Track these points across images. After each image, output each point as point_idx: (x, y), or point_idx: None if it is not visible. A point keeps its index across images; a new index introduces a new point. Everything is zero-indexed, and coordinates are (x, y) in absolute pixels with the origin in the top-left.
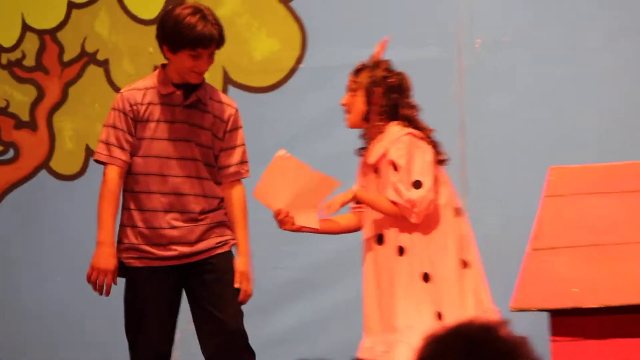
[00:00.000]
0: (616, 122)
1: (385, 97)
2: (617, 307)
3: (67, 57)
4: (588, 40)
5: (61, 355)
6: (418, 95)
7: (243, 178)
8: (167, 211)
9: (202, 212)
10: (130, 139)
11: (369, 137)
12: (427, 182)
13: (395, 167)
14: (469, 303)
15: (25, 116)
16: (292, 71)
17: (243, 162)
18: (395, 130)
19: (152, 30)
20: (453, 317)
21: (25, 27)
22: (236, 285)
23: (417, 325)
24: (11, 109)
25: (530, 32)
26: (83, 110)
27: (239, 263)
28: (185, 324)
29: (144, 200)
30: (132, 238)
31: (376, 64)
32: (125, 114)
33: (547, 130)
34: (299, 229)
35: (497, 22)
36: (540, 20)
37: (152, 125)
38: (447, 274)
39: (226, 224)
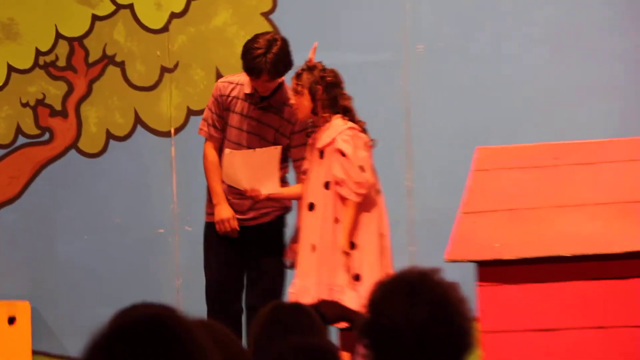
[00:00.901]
0: (532, 111)
1: (326, 93)
2: (531, 258)
3: (91, 59)
4: (507, 47)
5: (87, 304)
6: (371, 90)
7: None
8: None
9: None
10: (219, 121)
11: (318, 126)
12: (368, 169)
13: (343, 154)
14: (388, 265)
15: (58, 106)
16: None
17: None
18: (339, 123)
19: (160, 37)
20: (372, 279)
21: (58, 35)
22: None
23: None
24: (47, 101)
25: (461, 39)
26: (104, 102)
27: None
28: (185, 274)
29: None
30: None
31: (312, 66)
32: (217, 100)
33: (476, 117)
34: (268, 197)
35: (434, 31)
36: (469, 29)
37: (232, 115)
38: (369, 244)
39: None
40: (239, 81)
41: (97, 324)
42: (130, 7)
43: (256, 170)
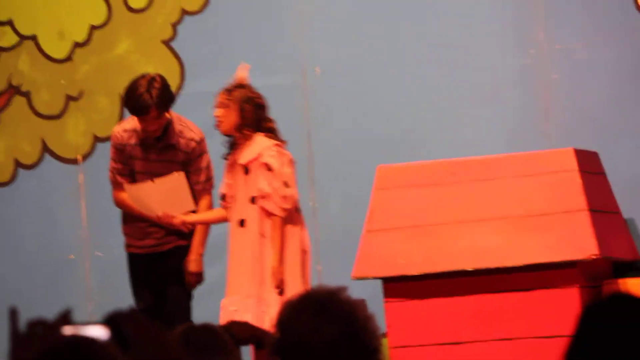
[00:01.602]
0: (430, 128)
1: (254, 113)
2: (434, 273)
3: None
4: (402, 66)
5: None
6: (274, 111)
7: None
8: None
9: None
10: (124, 169)
11: (239, 143)
12: (292, 185)
13: (269, 169)
14: (308, 280)
15: None
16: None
17: (208, 179)
18: (263, 140)
19: (63, 67)
20: (295, 292)
21: None
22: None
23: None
24: None
25: (357, 59)
26: (11, 131)
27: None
28: (97, 298)
29: None
30: None
31: (244, 85)
32: (117, 149)
33: (376, 136)
34: (184, 222)
35: (330, 53)
36: (364, 49)
37: (135, 161)
38: (292, 259)
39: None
40: (133, 127)
41: (7, 349)
42: (34, 37)
43: (164, 198)
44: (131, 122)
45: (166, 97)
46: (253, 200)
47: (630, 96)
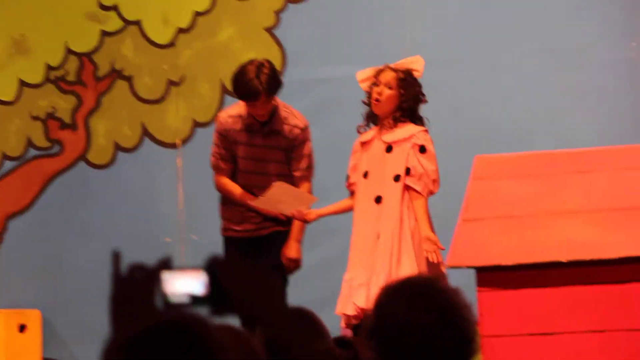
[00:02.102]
0: (528, 120)
1: (415, 103)
2: (528, 264)
3: (100, 74)
4: (507, 58)
5: (97, 312)
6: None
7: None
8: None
9: None
10: (226, 154)
11: (385, 125)
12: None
13: (423, 151)
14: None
15: (67, 119)
16: None
17: (309, 167)
18: (412, 126)
19: (166, 52)
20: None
21: (68, 51)
22: None
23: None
24: (57, 114)
25: (456, 53)
26: (112, 115)
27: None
28: None
29: None
30: None
31: (413, 74)
32: (221, 135)
33: (473, 127)
34: (319, 216)
35: (433, 46)
36: (463, 44)
37: (239, 146)
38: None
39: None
40: (238, 113)
41: (107, 332)
42: (138, 23)
43: (290, 199)
44: (236, 108)
45: (275, 82)
46: (397, 178)
47: None
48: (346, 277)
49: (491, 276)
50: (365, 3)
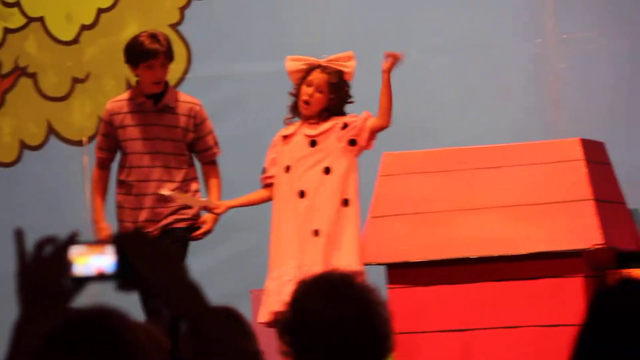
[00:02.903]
0: (435, 117)
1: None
2: (438, 260)
3: (4, 71)
4: (411, 55)
5: (5, 310)
6: (280, 97)
7: (216, 157)
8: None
9: None
10: (106, 141)
11: (305, 120)
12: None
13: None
14: None
15: None
16: (181, 80)
17: (216, 143)
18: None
19: (70, 49)
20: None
21: None
22: None
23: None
24: None
25: (361, 49)
26: (17, 113)
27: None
28: None
29: None
30: None
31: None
32: (106, 122)
33: None
34: (229, 207)
35: (337, 42)
36: (374, 38)
37: (130, 129)
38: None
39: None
40: (125, 97)
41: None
42: (41, 19)
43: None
44: (122, 95)
45: (172, 48)
46: (327, 170)
47: (637, 86)
48: (273, 275)
49: (401, 273)
50: None
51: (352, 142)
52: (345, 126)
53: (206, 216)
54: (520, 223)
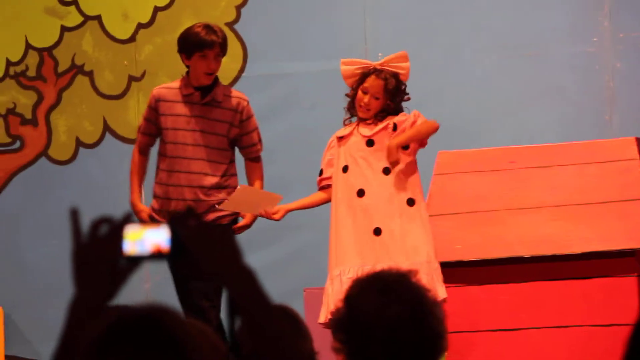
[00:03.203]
0: (488, 116)
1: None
2: (492, 259)
3: (60, 69)
4: (462, 55)
5: (58, 308)
6: (335, 96)
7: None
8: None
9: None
10: (148, 126)
11: (363, 121)
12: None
13: (395, 128)
14: None
15: (28, 115)
16: (236, 79)
17: (260, 140)
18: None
19: (127, 47)
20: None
21: (28, 46)
22: None
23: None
24: (17, 110)
25: (417, 48)
26: (73, 111)
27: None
28: (154, 278)
29: None
30: None
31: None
32: (150, 107)
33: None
34: (288, 211)
35: (393, 40)
36: (425, 39)
37: (172, 118)
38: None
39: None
40: (175, 86)
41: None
42: (98, 18)
43: (253, 202)
44: (171, 83)
45: (227, 42)
46: (385, 170)
47: None
48: (333, 274)
49: (454, 272)
50: None
51: (405, 147)
52: (395, 127)
53: None
54: (572, 222)
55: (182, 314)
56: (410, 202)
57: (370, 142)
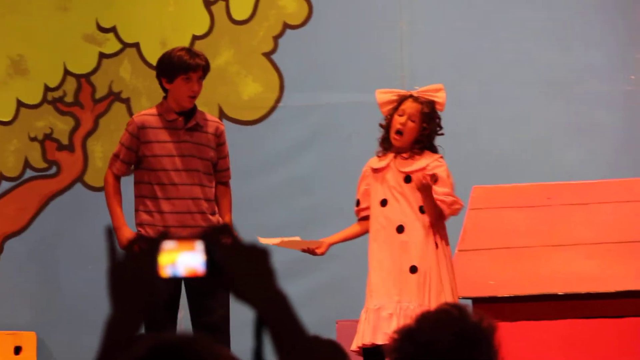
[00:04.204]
0: (524, 152)
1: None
2: (525, 296)
3: (98, 95)
4: (499, 90)
5: (92, 334)
6: (372, 128)
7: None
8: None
9: None
10: (129, 154)
11: (397, 153)
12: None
13: (436, 180)
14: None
15: (65, 140)
16: (272, 109)
17: (229, 168)
18: (428, 155)
19: None
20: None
21: (66, 72)
22: None
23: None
24: (54, 135)
25: (453, 80)
26: (110, 137)
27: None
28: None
29: None
30: None
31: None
32: (131, 135)
33: (471, 156)
34: (330, 244)
35: (429, 73)
36: (462, 72)
37: (156, 145)
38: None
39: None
40: (157, 112)
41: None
42: (136, 45)
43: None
44: (152, 109)
45: (209, 64)
46: (422, 209)
47: None
48: (370, 306)
49: (487, 307)
50: (363, 29)
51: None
52: (436, 181)
53: None
54: (608, 260)
55: (215, 341)
56: (436, 245)
57: (408, 179)
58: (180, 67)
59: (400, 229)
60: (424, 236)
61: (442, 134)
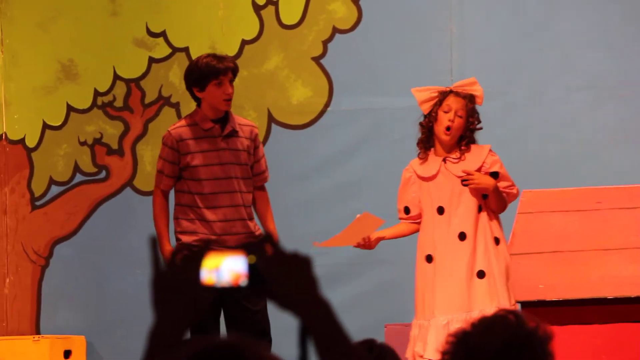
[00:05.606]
0: (574, 155)
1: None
2: (573, 300)
3: (147, 100)
4: (549, 93)
5: (141, 338)
6: (416, 131)
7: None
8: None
9: None
10: (173, 168)
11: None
12: None
13: (496, 176)
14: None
15: (114, 145)
16: (322, 113)
17: (267, 167)
18: (479, 149)
19: None
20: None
21: (116, 77)
22: None
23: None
24: (104, 140)
25: (503, 84)
26: (159, 141)
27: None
28: None
29: None
30: None
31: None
32: (171, 149)
33: (521, 160)
34: (379, 239)
35: (478, 77)
36: (511, 76)
37: (195, 155)
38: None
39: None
40: (190, 122)
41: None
42: (186, 50)
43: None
44: (184, 120)
45: (237, 66)
46: (480, 208)
47: None
48: (441, 322)
49: (536, 311)
50: (412, 33)
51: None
52: (497, 176)
53: None
54: None
55: (264, 348)
56: (497, 240)
57: (464, 181)
58: (210, 73)
59: (462, 237)
60: (485, 237)
61: (480, 128)
